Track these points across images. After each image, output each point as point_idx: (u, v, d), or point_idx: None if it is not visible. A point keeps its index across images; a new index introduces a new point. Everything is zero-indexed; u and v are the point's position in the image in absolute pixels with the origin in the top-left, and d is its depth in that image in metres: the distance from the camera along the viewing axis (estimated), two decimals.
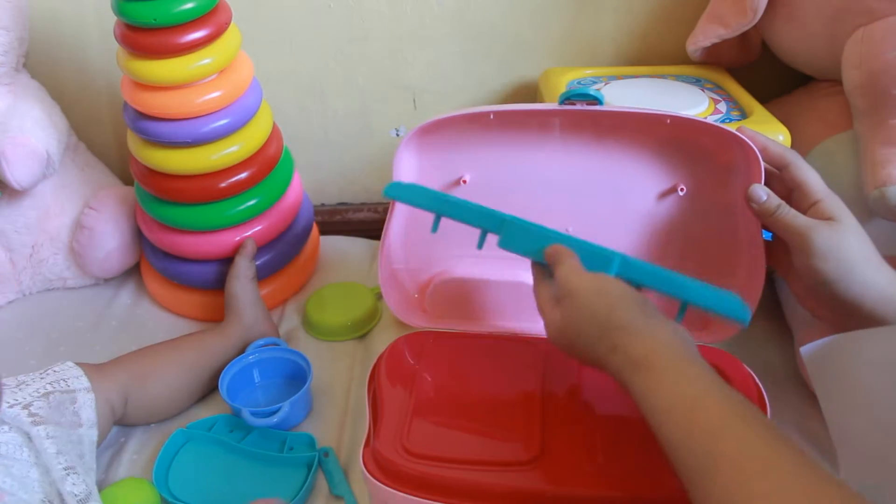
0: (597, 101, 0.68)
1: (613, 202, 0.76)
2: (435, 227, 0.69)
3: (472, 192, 0.76)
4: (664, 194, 0.75)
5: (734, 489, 0.44)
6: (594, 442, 0.63)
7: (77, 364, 0.71)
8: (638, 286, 0.61)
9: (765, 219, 0.66)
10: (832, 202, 0.63)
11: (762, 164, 0.67)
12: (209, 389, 0.80)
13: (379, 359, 0.73)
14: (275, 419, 0.73)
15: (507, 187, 0.76)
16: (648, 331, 0.55)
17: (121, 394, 0.73)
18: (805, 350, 0.61)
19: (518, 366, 0.72)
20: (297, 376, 0.80)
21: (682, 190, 0.74)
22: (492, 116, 0.73)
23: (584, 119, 0.72)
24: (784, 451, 0.45)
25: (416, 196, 0.71)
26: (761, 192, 0.66)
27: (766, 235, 0.70)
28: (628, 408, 0.58)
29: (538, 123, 0.74)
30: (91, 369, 0.72)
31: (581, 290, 0.59)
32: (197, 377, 0.79)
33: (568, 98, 0.68)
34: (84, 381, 0.70)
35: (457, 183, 0.78)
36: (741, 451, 0.45)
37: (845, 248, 0.61)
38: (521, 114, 0.73)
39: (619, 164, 0.74)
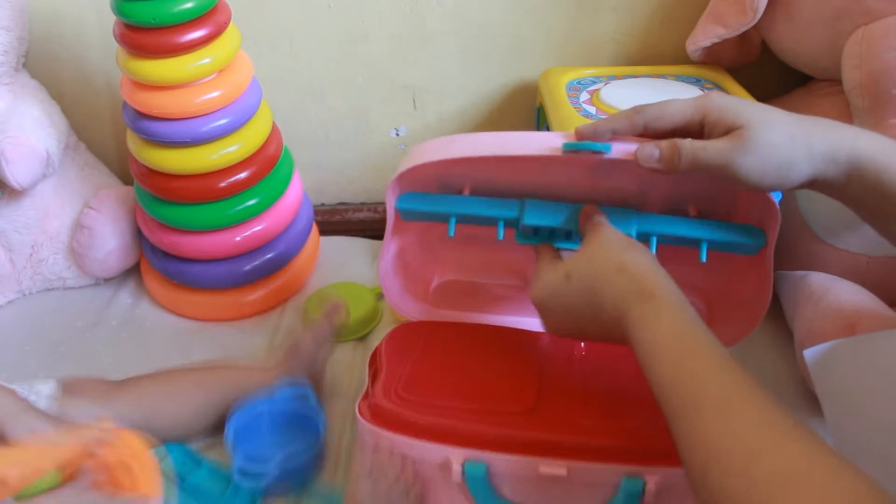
0: (603, 152, 0.62)
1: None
2: (451, 230, 0.69)
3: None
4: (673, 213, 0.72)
5: (715, 428, 0.45)
6: (589, 396, 0.64)
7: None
8: (659, 240, 0.66)
9: (676, 171, 0.58)
10: (726, 111, 0.57)
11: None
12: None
13: (381, 342, 0.72)
14: (262, 482, 0.67)
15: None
16: (657, 270, 0.56)
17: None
18: (809, 353, 0.61)
19: (518, 341, 0.72)
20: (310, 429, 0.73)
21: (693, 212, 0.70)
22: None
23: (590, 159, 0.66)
24: (763, 401, 0.46)
25: (429, 204, 0.70)
26: (650, 149, 0.59)
27: None
28: (625, 369, 0.59)
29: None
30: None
31: (608, 242, 0.60)
32: (216, 413, 0.74)
33: (573, 148, 0.62)
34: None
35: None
36: (726, 394, 0.47)
37: (768, 145, 0.55)
38: (516, 157, 0.65)
39: (626, 187, 0.69)
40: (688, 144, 0.57)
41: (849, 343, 0.59)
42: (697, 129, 0.59)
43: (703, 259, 0.65)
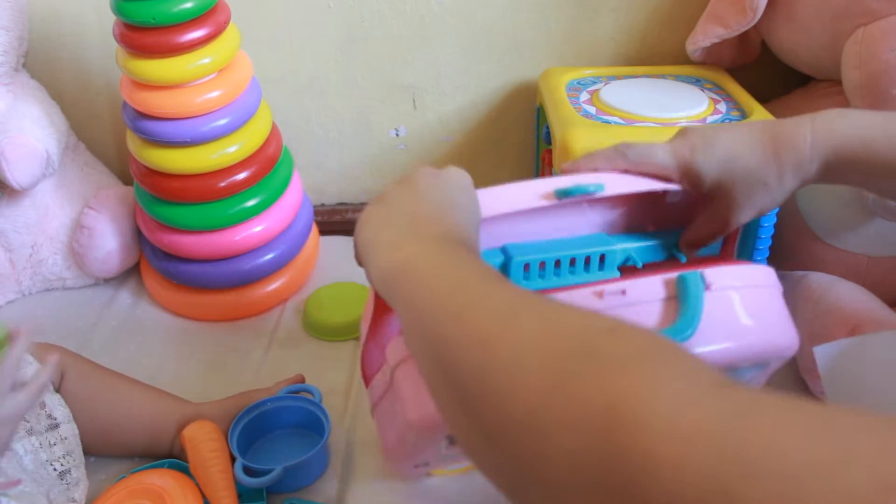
0: (596, 192, 0.60)
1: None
2: None
3: None
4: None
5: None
6: None
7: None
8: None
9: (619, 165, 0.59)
10: (698, 177, 0.58)
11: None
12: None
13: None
14: (269, 479, 0.67)
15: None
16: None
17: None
18: (819, 350, 0.61)
19: None
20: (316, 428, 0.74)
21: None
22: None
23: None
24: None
25: None
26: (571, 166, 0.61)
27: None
28: None
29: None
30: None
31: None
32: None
33: (567, 194, 0.59)
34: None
35: None
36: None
37: (710, 144, 0.57)
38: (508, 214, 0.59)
39: (610, 221, 0.67)
40: (631, 150, 0.59)
41: (859, 341, 0.59)
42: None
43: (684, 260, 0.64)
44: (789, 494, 0.25)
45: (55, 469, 0.63)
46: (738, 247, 0.71)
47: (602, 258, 0.62)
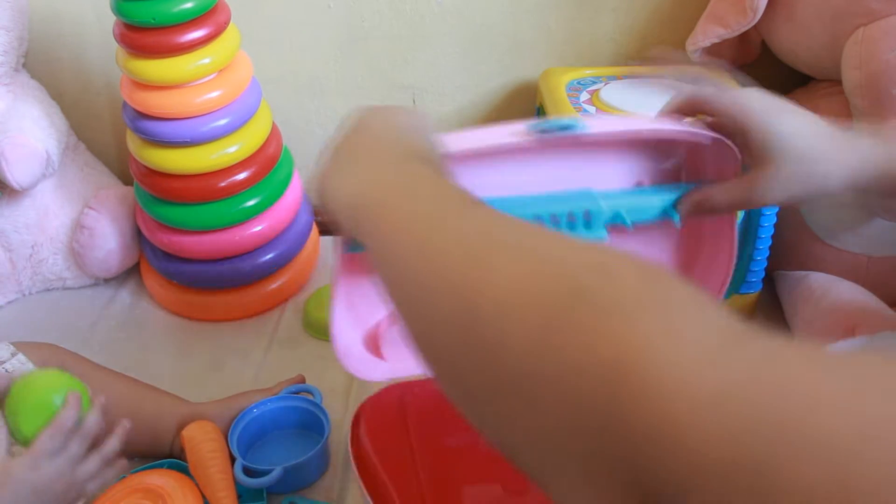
0: (575, 129, 0.55)
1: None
2: None
3: None
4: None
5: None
6: None
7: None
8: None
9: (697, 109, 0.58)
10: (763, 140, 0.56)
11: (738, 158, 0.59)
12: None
13: (361, 438, 0.64)
14: (269, 479, 0.67)
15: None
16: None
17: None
18: None
19: None
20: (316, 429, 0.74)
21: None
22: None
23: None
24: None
25: None
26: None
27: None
28: None
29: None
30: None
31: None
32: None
33: (542, 129, 0.54)
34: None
35: None
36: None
37: (783, 111, 0.55)
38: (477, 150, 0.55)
39: (586, 163, 0.61)
40: (710, 95, 0.57)
41: (860, 343, 0.59)
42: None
43: (678, 225, 0.60)
44: (843, 466, 0.21)
45: None
46: (738, 247, 0.70)
47: (587, 215, 0.57)
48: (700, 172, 0.62)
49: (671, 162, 0.63)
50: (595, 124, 0.53)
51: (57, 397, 0.61)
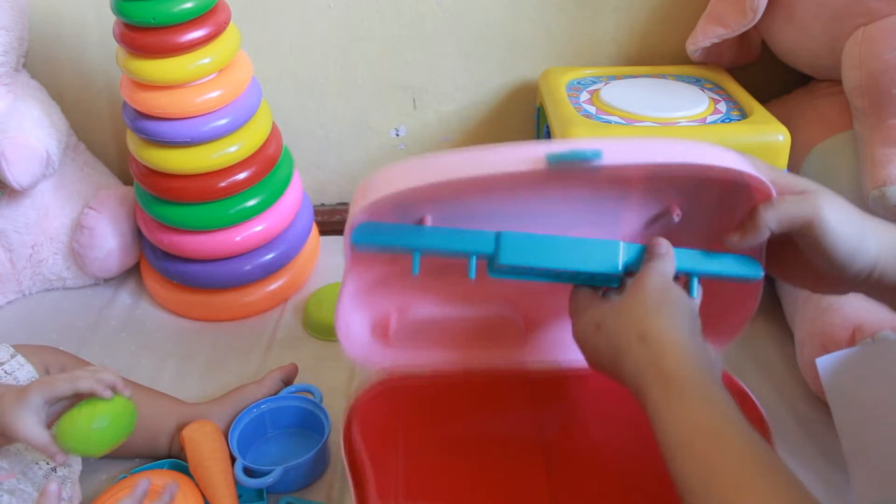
0: (593, 160, 0.51)
1: (601, 229, 0.61)
2: (416, 268, 0.57)
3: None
4: (656, 218, 0.62)
5: None
6: (608, 490, 0.62)
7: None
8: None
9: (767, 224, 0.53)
10: (788, 181, 0.54)
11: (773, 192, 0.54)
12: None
13: (351, 425, 0.64)
14: (269, 480, 0.67)
15: (477, 224, 0.58)
16: (684, 341, 0.50)
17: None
18: (822, 361, 0.60)
19: (507, 407, 0.67)
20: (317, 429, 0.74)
21: (677, 215, 0.60)
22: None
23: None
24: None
25: (388, 235, 0.58)
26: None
27: None
28: (635, 443, 0.56)
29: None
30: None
31: (642, 294, 0.53)
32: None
33: (559, 160, 0.50)
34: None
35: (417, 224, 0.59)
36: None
37: (843, 206, 0.52)
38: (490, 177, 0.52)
39: (609, 191, 0.59)
40: (779, 202, 0.53)
41: (861, 351, 0.58)
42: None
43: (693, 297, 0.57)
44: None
45: (41, 468, 0.63)
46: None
47: (607, 279, 0.57)
48: (703, 206, 0.59)
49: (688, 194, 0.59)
50: (618, 152, 0.50)
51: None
